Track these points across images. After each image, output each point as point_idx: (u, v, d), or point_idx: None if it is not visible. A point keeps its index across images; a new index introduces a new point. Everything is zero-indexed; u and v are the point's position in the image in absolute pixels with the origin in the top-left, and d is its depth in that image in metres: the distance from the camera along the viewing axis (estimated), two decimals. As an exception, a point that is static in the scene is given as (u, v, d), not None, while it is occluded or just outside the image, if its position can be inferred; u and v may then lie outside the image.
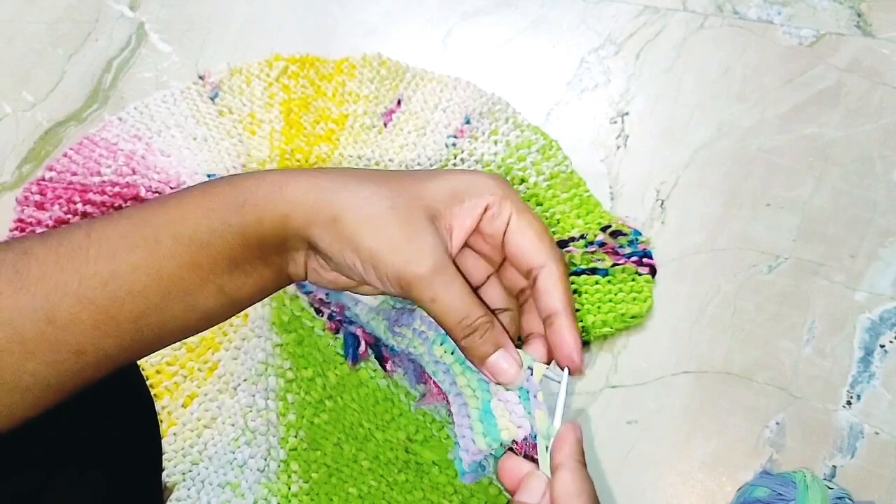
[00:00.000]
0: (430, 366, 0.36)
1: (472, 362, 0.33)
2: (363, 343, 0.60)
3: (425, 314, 0.36)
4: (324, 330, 0.61)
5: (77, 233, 0.31)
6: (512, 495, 0.32)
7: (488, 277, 0.37)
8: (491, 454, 0.33)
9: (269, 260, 0.33)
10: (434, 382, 0.35)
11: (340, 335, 0.61)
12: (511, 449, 0.34)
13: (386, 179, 0.33)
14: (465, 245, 0.35)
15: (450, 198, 0.33)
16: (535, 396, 0.32)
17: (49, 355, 0.30)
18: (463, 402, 0.33)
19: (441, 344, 0.35)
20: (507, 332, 0.33)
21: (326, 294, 0.61)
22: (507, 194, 0.34)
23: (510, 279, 0.36)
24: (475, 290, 0.34)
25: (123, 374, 0.46)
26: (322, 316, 0.62)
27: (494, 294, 0.36)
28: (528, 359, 0.33)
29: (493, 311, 0.33)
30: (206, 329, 0.35)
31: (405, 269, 0.30)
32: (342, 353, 0.60)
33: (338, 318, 0.61)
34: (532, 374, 0.33)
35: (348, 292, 0.39)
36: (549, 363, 0.34)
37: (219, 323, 0.35)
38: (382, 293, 0.36)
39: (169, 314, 0.32)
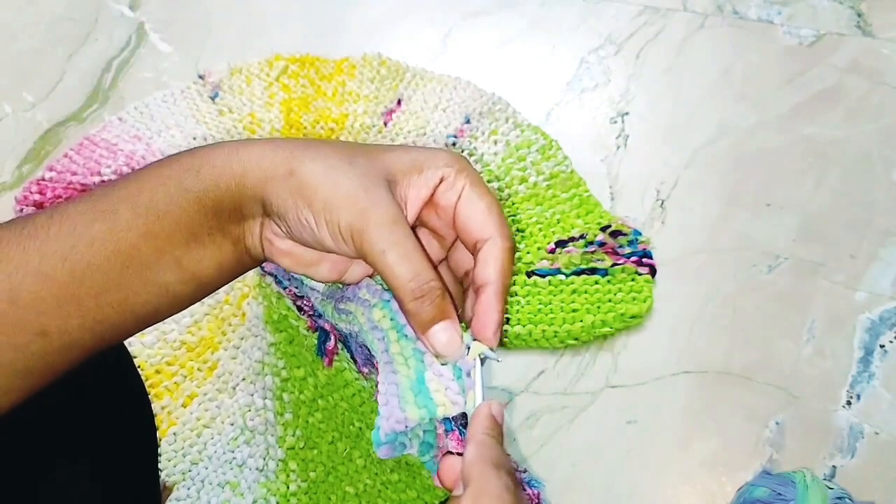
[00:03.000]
0: (367, 335, 0.35)
1: (413, 329, 0.32)
2: (332, 339, 0.60)
3: (372, 283, 0.36)
4: (307, 329, 0.61)
5: (41, 216, 0.31)
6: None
7: (439, 263, 0.36)
8: (416, 435, 0.33)
9: (225, 230, 0.33)
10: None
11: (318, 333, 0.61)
12: (450, 452, 0.33)
13: (347, 145, 0.33)
14: (419, 221, 0.35)
15: (408, 167, 0.33)
16: (467, 375, 0.32)
17: (13, 337, 0.30)
18: (393, 369, 0.33)
19: (381, 308, 0.34)
20: (455, 307, 0.33)
21: (297, 287, 0.60)
22: (464, 168, 0.34)
23: (457, 261, 0.36)
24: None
25: (121, 374, 0.46)
26: (304, 314, 0.62)
27: (443, 277, 0.36)
28: (468, 337, 0.32)
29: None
30: (170, 313, 0.34)
31: (359, 219, 0.30)
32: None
33: (309, 312, 0.61)
34: (468, 353, 0.32)
35: (305, 279, 0.38)
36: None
37: (184, 306, 0.34)
38: (336, 280, 0.36)
39: (129, 290, 0.31)
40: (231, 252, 0.33)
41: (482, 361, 0.32)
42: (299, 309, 0.62)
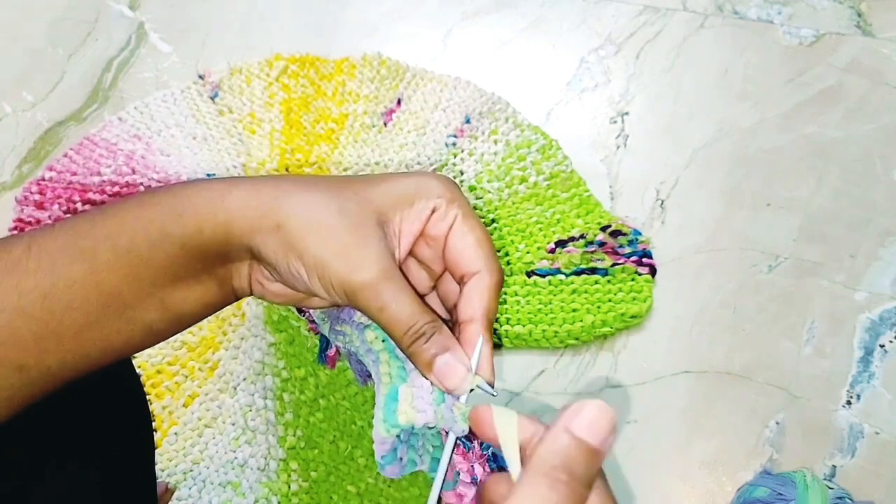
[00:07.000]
0: (364, 357, 0.35)
1: (420, 371, 0.31)
2: (334, 347, 0.60)
3: None
4: (308, 330, 0.61)
5: (17, 246, 0.30)
6: None
7: (427, 294, 0.36)
8: (427, 450, 0.33)
9: (212, 272, 0.32)
10: None
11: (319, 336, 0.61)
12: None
13: (334, 184, 0.32)
14: (410, 252, 0.34)
15: (399, 201, 0.32)
16: (457, 398, 0.31)
17: None
18: (379, 390, 0.32)
19: (374, 329, 0.34)
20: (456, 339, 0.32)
21: None
22: (456, 197, 0.33)
23: (447, 293, 0.35)
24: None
25: (116, 371, 0.46)
26: (304, 315, 0.62)
27: (433, 308, 0.34)
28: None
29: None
30: (152, 345, 0.33)
31: (350, 277, 0.30)
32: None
33: (310, 317, 0.61)
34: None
35: None
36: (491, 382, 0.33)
37: (166, 338, 0.34)
38: (330, 305, 0.35)
39: (110, 329, 0.31)
40: (216, 292, 0.33)
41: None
42: (299, 310, 0.62)
